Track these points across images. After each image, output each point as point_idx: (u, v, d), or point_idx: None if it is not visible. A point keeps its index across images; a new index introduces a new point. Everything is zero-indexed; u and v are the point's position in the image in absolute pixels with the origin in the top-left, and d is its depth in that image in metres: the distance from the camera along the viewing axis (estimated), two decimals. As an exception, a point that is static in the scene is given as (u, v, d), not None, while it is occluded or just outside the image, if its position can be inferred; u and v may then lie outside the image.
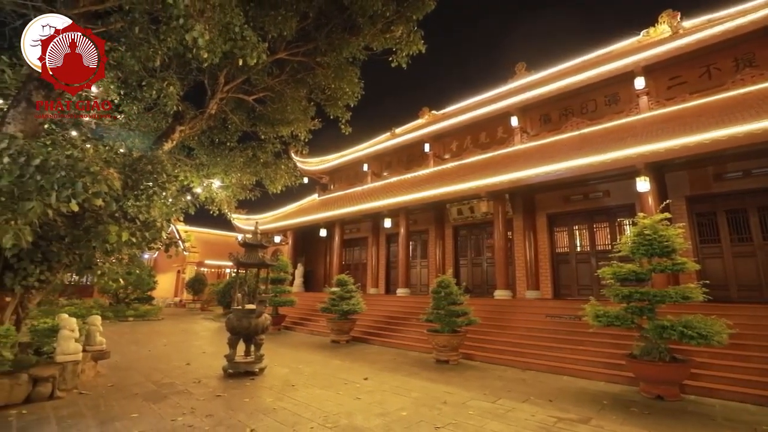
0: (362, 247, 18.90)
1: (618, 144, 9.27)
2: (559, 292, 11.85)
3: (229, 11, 5.81)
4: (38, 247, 5.58)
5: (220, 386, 5.97)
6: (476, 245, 14.61)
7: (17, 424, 4.27)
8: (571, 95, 12.80)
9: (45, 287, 6.20)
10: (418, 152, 17.27)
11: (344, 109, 10.08)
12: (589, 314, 6.19)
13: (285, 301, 13.56)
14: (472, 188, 11.55)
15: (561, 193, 12.00)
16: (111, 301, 18.15)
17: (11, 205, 4.43)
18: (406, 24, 8.33)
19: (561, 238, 12.37)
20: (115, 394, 5.48)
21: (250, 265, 7.54)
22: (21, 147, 4.50)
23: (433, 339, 8.18)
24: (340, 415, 4.74)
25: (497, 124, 14.66)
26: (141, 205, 5.95)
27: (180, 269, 27.59)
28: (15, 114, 5.48)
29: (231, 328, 6.84)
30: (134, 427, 4.21)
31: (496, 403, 5.31)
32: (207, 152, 10.53)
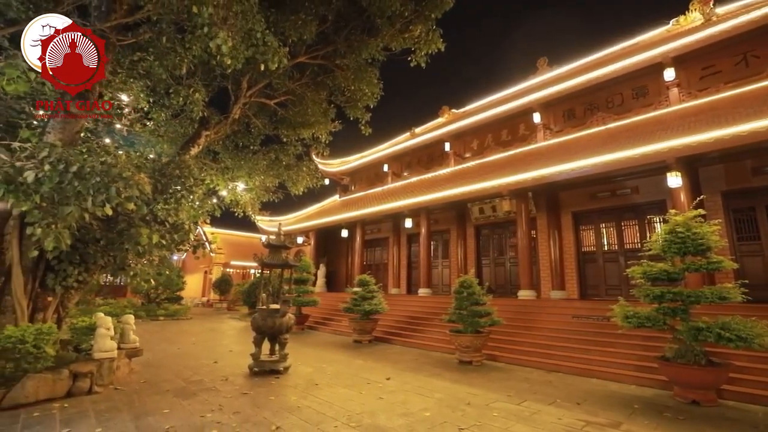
0: (383, 248, 18.94)
1: (647, 138, 8.93)
2: (586, 293, 11.52)
3: (250, 18, 5.95)
4: (76, 249, 5.88)
5: (247, 384, 6.11)
6: (499, 245, 14.39)
7: (60, 417, 4.51)
8: (596, 89, 12.42)
9: (83, 287, 6.53)
10: (438, 151, 17.17)
11: (364, 110, 10.15)
12: (618, 315, 6.00)
13: (308, 301, 13.75)
14: (494, 187, 11.39)
15: (587, 190, 11.66)
16: (143, 300, 18.89)
17: (52, 209, 4.69)
18: (425, 23, 8.31)
19: (587, 236, 12.02)
20: (148, 390, 5.70)
21: (273, 265, 7.69)
22: (60, 155, 4.75)
23: (456, 339, 8.11)
24: (364, 414, 4.77)
25: (519, 120, 14.40)
26: (170, 209, 6.17)
27: (207, 270, 28.42)
28: (54, 124, 5.79)
29: (256, 327, 6.99)
30: (166, 423, 4.36)
31: (521, 406, 5.22)
32: (231, 156, 10.82)
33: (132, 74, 7.77)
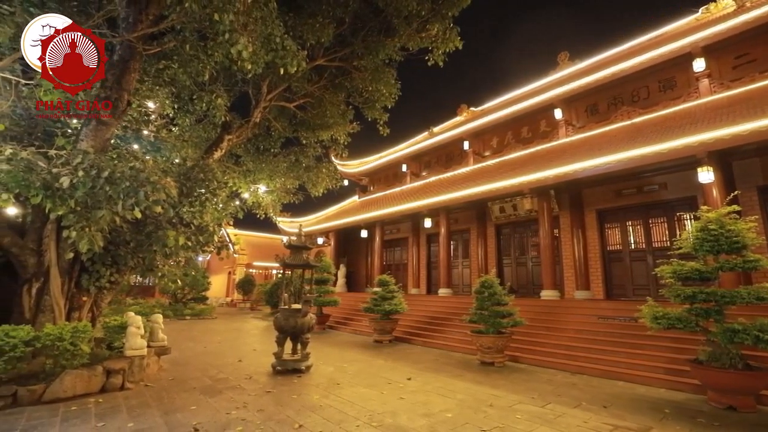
0: (403, 248, 18.92)
1: (675, 132, 8.60)
2: (612, 293, 11.18)
3: (270, 23, 6.06)
4: (108, 251, 6.14)
5: (270, 383, 6.23)
6: (520, 244, 14.14)
7: (95, 411, 4.72)
8: (620, 83, 12.05)
9: (115, 288, 6.80)
10: (457, 150, 17.03)
11: (382, 110, 10.19)
12: (647, 316, 5.80)
13: (329, 301, 13.89)
14: (514, 185, 11.20)
15: (612, 187, 11.32)
16: (170, 300, 19.51)
17: (85, 213, 4.92)
18: (442, 21, 8.27)
19: (612, 235, 11.67)
20: (176, 387, 5.89)
21: (295, 266, 7.80)
22: (92, 161, 4.97)
23: (477, 340, 8.03)
24: (385, 414, 4.79)
25: (540, 117, 14.12)
26: (195, 211, 6.37)
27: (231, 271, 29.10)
28: (87, 131, 6.06)
29: (278, 326, 7.12)
30: (193, 419, 4.50)
31: (545, 408, 5.12)
32: (253, 159, 11.06)
33: (158, 82, 8.05)
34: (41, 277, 5.76)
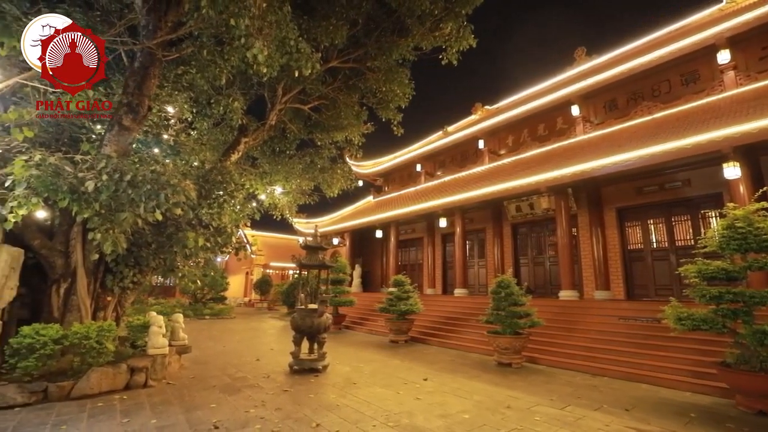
0: (418, 248, 18.88)
1: (699, 127, 8.33)
2: (633, 293, 10.90)
3: (284, 26, 6.14)
4: (131, 252, 6.32)
5: (287, 382, 6.31)
6: (537, 243, 13.93)
7: (120, 408, 4.86)
8: (640, 77, 11.73)
9: (137, 288, 7.01)
10: (472, 149, 16.88)
11: (396, 110, 10.20)
12: (670, 317, 5.62)
13: (344, 301, 13.96)
14: (531, 184, 11.04)
15: (632, 184, 11.04)
16: (190, 300, 19.95)
17: (109, 216, 5.08)
18: (455, 20, 8.22)
19: (633, 233, 11.37)
20: (197, 385, 6.02)
21: (311, 266, 7.88)
22: (115, 165, 5.13)
23: (494, 341, 7.94)
24: (401, 414, 4.79)
25: (556, 114, 13.87)
26: (213, 213, 6.50)
27: (248, 271, 29.56)
28: (110, 137, 6.26)
29: (295, 326, 7.20)
30: (213, 417, 4.59)
31: (564, 410, 5.03)
32: (269, 161, 11.21)
33: (177, 87, 8.26)
34: (68, 277, 5.97)
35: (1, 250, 5.52)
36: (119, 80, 7.69)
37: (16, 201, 4.72)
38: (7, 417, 4.43)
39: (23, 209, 4.76)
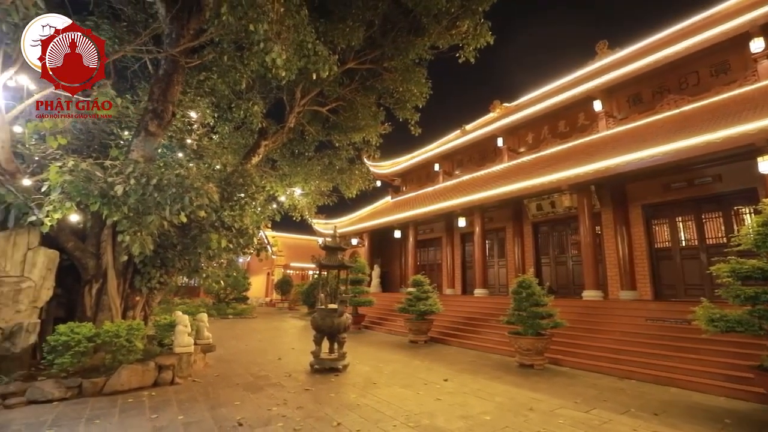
0: (436, 248, 18.78)
1: (731, 120, 7.97)
2: (661, 293, 10.53)
3: (302, 30, 6.24)
4: (158, 254, 6.54)
5: (308, 381, 6.39)
6: (559, 242, 13.63)
7: (148, 404, 5.04)
8: (666, 70, 11.31)
9: (164, 288, 7.24)
10: (490, 147, 16.67)
11: (413, 110, 10.19)
12: (702, 318, 5.40)
13: (364, 301, 14.02)
14: (552, 181, 10.82)
15: (658, 181, 10.66)
16: (214, 300, 20.45)
17: (137, 219, 5.27)
18: (472, 17, 8.16)
19: (660, 231, 10.98)
20: (221, 383, 6.17)
21: (330, 267, 7.95)
22: (142, 170, 5.32)
23: (516, 342, 7.82)
24: (422, 415, 4.78)
25: (578, 110, 13.54)
26: (235, 215, 6.65)
27: (269, 271, 30.06)
28: (137, 142, 6.50)
29: (316, 326, 7.28)
30: (237, 414, 4.70)
31: (589, 413, 4.90)
32: (288, 163, 11.39)
33: (199, 93, 8.49)
34: (100, 278, 6.23)
35: (39, 252, 5.82)
36: (145, 88, 7.98)
37: (51, 205, 4.96)
38: (46, 410, 4.66)
39: (58, 213, 5.00)
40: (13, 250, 5.61)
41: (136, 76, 8.27)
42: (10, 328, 5.39)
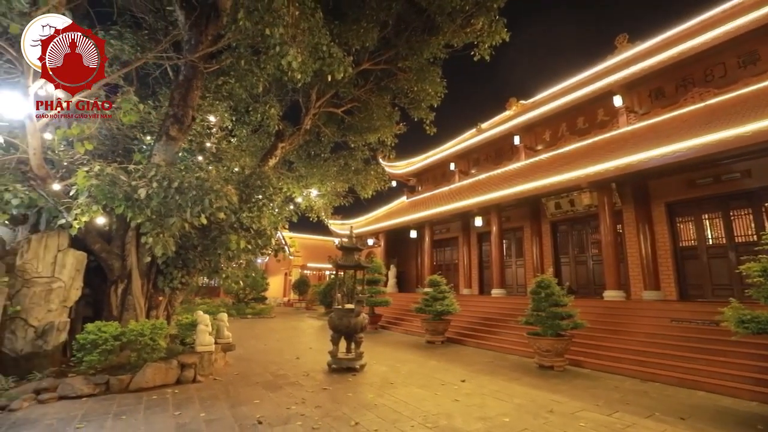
0: (453, 247, 18.65)
1: (760, 112, 7.65)
2: (687, 293, 10.18)
3: (317, 32, 6.30)
4: (179, 255, 6.71)
5: (326, 380, 6.44)
6: (579, 241, 13.34)
7: (172, 401, 5.18)
8: (690, 62, 10.93)
9: (186, 288, 7.43)
10: (507, 146, 16.46)
11: (428, 110, 10.16)
12: (731, 319, 5.20)
13: (380, 302, 14.05)
14: (571, 179, 10.60)
15: (683, 177, 10.32)
16: (233, 300, 20.84)
17: (159, 221, 5.43)
18: (487, 15, 8.08)
19: (685, 229, 10.63)
20: (241, 382, 6.28)
21: (347, 267, 8.00)
22: (164, 173, 5.47)
23: (535, 343, 7.70)
24: (440, 415, 4.76)
25: (597, 106, 13.23)
26: (254, 216, 6.77)
27: (287, 272, 30.43)
28: (158, 147, 6.69)
29: (333, 326, 7.34)
30: (257, 412, 4.78)
31: (612, 417, 4.79)
32: (305, 164, 11.52)
33: (217, 97, 8.68)
34: (125, 278, 6.44)
35: (68, 253, 6.05)
36: (165, 93, 8.20)
37: (79, 209, 5.16)
38: (76, 406, 4.84)
39: (85, 216, 5.20)
40: (45, 252, 5.86)
41: (158, 82, 8.51)
42: (42, 327, 5.63)
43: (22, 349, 5.47)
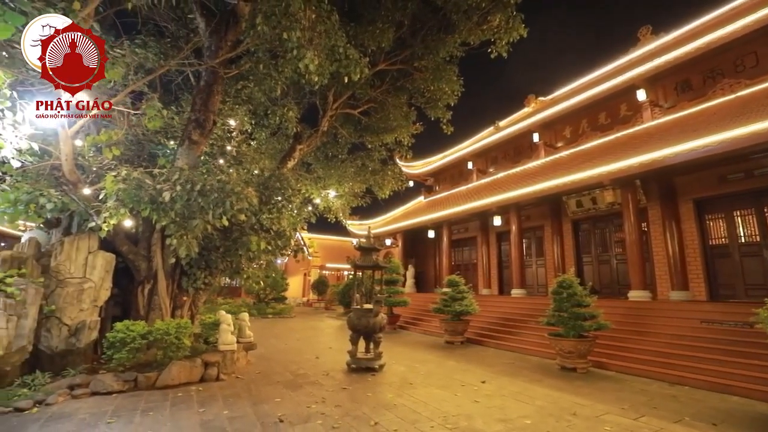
0: (471, 247, 18.47)
1: (796, 104, 7.29)
2: (717, 293, 9.77)
3: (333, 35, 6.36)
4: (202, 256, 6.89)
5: (345, 380, 6.49)
6: (602, 240, 13.00)
7: (196, 398, 5.32)
8: (719, 52, 10.49)
9: (208, 288, 7.62)
10: (526, 143, 16.20)
11: (445, 109, 10.11)
12: (766, 320, 4.98)
13: (399, 302, 14.05)
14: (593, 176, 10.34)
15: (712, 172, 9.91)
16: (254, 300, 21.21)
17: (183, 223, 5.59)
18: (504, 11, 7.97)
19: (716, 227, 10.20)
20: (262, 380, 6.39)
21: (365, 267, 8.03)
22: (187, 176, 5.63)
23: (557, 344, 7.55)
24: (459, 417, 4.72)
25: (619, 101, 12.87)
26: (273, 218, 6.89)
27: (306, 272, 30.77)
28: (182, 151, 6.88)
29: (352, 326, 7.38)
30: (278, 410, 4.86)
31: (638, 421, 4.65)
32: (322, 166, 11.64)
33: (237, 101, 8.87)
34: (151, 279, 6.65)
35: (98, 255, 6.30)
36: (188, 99, 8.44)
37: (108, 212, 5.36)
38: (107, 401, 5.04)
39: (114, 219, 5.40)
40: (77, 254, 6.12)
41: (180, 88, 8.76)
42: (75, 325, 5.88)
43: (57, 346, 5.73)
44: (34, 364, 5.52)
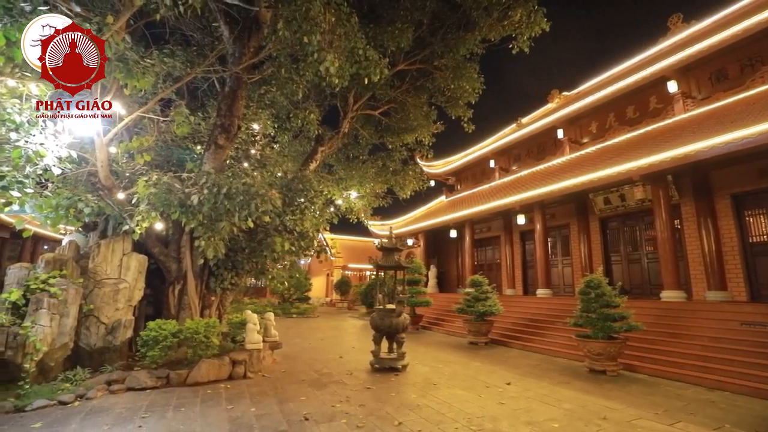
0: (494, 247, 18.20)
1: None
2: (759, 294, 9.24)
3: (352, 37, 6.41)
4: (229, 257, 7.09)
5: (369, 379, 6.53)
6: (631, 238, 12.54)
7: (225, 395, 5.48)
8: (759, 38, 9.89)
9: (235, 289, 7.83)
10: (549, 140, 15.82)
11: (465, 107, 10.02)
12: (813, 322, 4.69)
13: (421, 302, 14.00)
14: (621, 173, 9.98)
15: (751, 166, 9.37)
16: (279, 300, 21.64)
17: (210, 225, 5.76)
18: (525, 5, 7.84)
19: (756, 223, 9.65)
20: (287, 379, 6.51)
21: (387, 267, 8.06)
22: (214, 180, 5.81)
23: (585, 345, 7.34)
24: (484, 418, 4.67)
25: (648, 93, 12.37)
26: (296, 219, 7.01)
27: (329, 272, 31.12)
28: (208, 155, 7.10)
29: (375, 326, 7.42)
30: (304, 409, 4.94)
31: (673, 427, 4.46)
32: (344, 167, 11.76)
33: (260, 105, 9.07)
34: (181, 280, 6.90)
35: (132, 257, 6.58)
36: (213, 105, 8.69)
37: (140, 215, 5.60)
38: (141, 397, 5.26)
39: (146, 222, 5.63)
40: (112, 256, 6.42)
41: (206, 94, 9.05)
42: (111, 324, 6.17)
43: (95, 343, 6.02)
44: (75, 360, 5.83)
